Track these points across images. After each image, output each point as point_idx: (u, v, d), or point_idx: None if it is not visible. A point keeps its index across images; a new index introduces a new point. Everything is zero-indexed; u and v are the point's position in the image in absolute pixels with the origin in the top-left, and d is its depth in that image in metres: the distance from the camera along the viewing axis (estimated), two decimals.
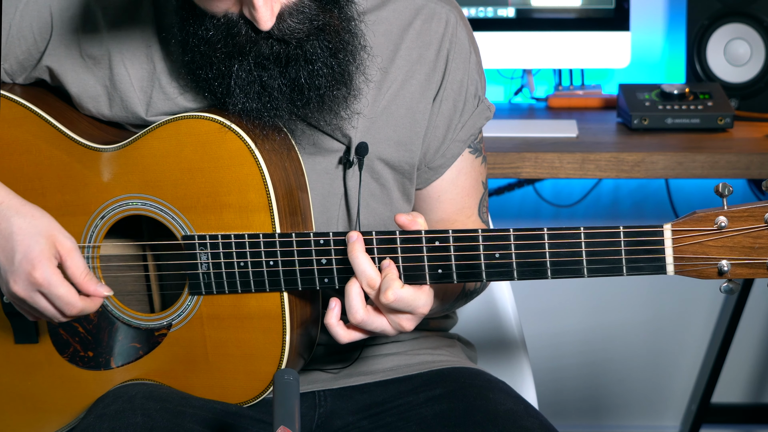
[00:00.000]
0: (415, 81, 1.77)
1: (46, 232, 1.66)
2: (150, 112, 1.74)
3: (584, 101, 3.07)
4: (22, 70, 1.79)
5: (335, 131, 1.74)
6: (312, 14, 1.61)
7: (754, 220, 1.52)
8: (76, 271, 1.66)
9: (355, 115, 1.72)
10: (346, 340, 1.63)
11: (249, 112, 1.65)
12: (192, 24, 1.63)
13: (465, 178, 1.84)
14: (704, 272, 1.55)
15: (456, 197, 1.84)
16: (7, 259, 1.65)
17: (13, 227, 1.65)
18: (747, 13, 2.96)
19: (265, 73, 1.62)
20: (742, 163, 2.54)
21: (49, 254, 1.65)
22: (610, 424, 3.49)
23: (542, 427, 1.70)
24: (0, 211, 1.66)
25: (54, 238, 1.66)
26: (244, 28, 1.60)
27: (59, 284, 1.65)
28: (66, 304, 1.65)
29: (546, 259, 1.57)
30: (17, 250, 1.65)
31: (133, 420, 1.64)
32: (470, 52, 1.81)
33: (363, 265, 1.60)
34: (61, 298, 1.65)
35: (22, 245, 1.64)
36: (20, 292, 1.65)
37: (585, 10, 2.96)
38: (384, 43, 1.76)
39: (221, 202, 1.67)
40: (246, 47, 1.60)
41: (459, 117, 1.81)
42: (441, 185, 1.84)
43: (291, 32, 1.60)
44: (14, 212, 1.67)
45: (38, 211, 1.68)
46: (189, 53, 1.66)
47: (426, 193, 1.84)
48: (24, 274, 1.64)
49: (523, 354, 2.17)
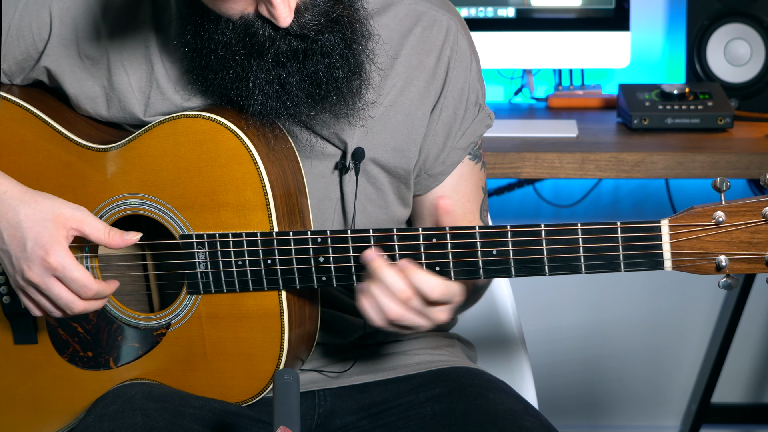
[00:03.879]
0: (414, 88, 1.77)
1: (52, 214, 1.66)
2: (148, 113, 1.74)
3: (584, 101, 3.07)
4: (21, 71, 1.79)
5: (331, 135, 1.74)
6: (327, 6, 1.61)
7: (752, 215, 1.52)
8: (97, 232, 1.66)
9: (369, 105, 1.72)
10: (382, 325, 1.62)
11: (268, 112, 1.65)
12: (207, 29, 1.63)
13: (466, 184, 1.84)
14: (702, 267, 1.55)
15: (457, 203, 1.84)
16: (20, 247, 1.65)
17: (19, 215, 1.66)
18: (747, 13, 2.96)
19: (283, 70, 1.62)
20: (742, 163, 2.54)
21: (59, 237, 1.65)
22: (609, 423, 3.48)
23: (542, 426, 1.70)
24: (4, 201, 1.67)
25: (61, 218, 1.66)
26: (261, 27, 1.59)
27: (74, 267, 1.65)
28: (82, 286, 1.65)
29: (543, 255, 1.57)
30: (28, 237, 1.65)
31: (133, 420, 1.63)
32: (471, 60, 1.81)
33: (390, 279, 1.59)
34: (76, 281, 1.65)
35: (32, 232, 1.65)
36: (35, 278, 1.65)
37: (585, 10, 2.96)
38: (384, 49, 1.76)
39: (219, 201, 1.67)
40: (265, 46, 1.60)
41: (459, 125, 1.80)
42: (442, 191, 1.83)
43: (309, 27, 1.60)
44: (18, 201, 1.67)
45: (40, 195, 1.68)
46: (204, 59, 1.65)
47: (427, 200, 1.84)
48: (38, 260, 1.64)
49: (523, 354, 2.17)
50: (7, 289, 1.78)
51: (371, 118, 1.74)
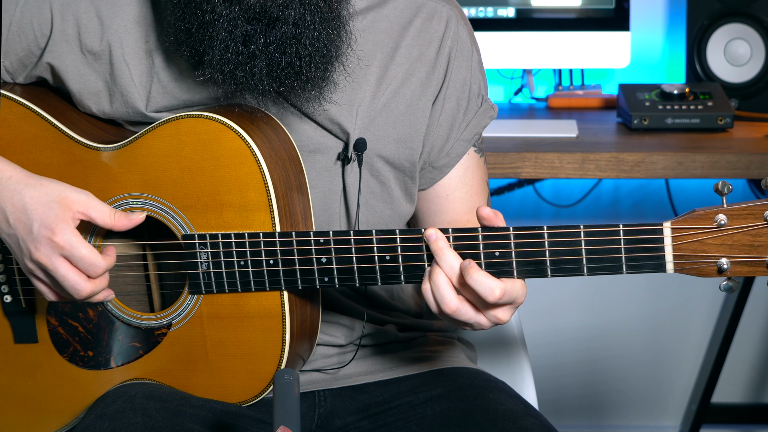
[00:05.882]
0: (415, 79, 1.77)
1: (58, 197, 1.65)
2: (150, 107, 1.74)
3: (584, 101, 3.07)
4: (23, 68, 1.79)
5: (334, 126, 1.74)
6: None
7: (753, 218, 1.52)
8: (102, 215, 1.65)
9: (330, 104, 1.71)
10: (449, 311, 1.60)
11: (225, 65, 1.63)
12: None
13: (472, 176, 1.84)
14: (704, 270, 1.55)
15: (465, 196, 1.84)
16: (26, 229, 1.65)
17: (25, 198, 1.65)
18: (747, 13, 2.96)
19: (250, 26, 1.61)
20: (742, 163, 2.54)
21: (65, 217, 1.64)
22: (609, 423, 3.49)
23: (542, 427, 1.70)
24: (9, 186, 1.66)
25: (67, 200, 1.65)
26: None
27: (81, 245, 1.63)
28: (90, 264, 1.64)
29: (546, 257, 1.57)
30: (33, 218, 1.64)
31: (133, 420, 1.63)
32: (472, 51, 1.81)
33: (451, 260, 1.58)
34: (84, 259, 1.64)
35: (37, 213, 1.64)
36: (42, 258, 1.64)
37: (585, 10, 2.96)
38: (384, 41, 1.76)
39: (221, 201, 1.67)
40: None
41: (463, 116, 1.81)
42: (449, 183, 1.83)
43: None
44: (24, 185, 1.66)
45: (45, 179, 1.67)
46: (180, 8, 1.65)
47: (434, 193, 1.84)
48: (45, 240, 1.64)
49: (523, 354, 2.18)
50: (8, 287, 1.78)
51: (370, 115, 1.75)
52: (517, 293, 1.58)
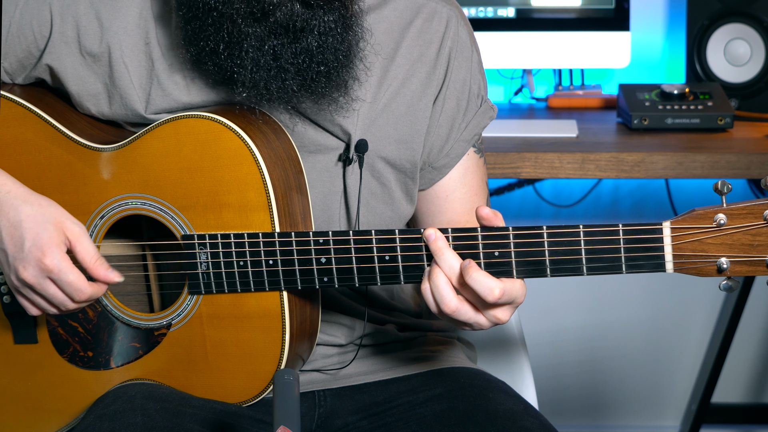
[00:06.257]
0: (415, 79, 1.77)
1: (54, 220, 1.66)
2: (149, 110, 1.74)
3: (584, 101, 3.07)
4: (22, 69, 1.79)
5: (335, 127, 1.74)
6: None
7: (753, 218, 1.52)
8: (87, 256, 1.66)
9: (354, 102, 1.71)
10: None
11: (257, 83, 1.64)
12: None
13: (472, 177, 1.84)
14: (703, 270, 1.55)
15: (465, 196, 1.84)
16: (17, 246, 1.66)
17: (21, 215, 1.66)
18: (747, 13, 2.96)
19: (277, 41, 1.61)
20: (742, 163, 2.54)
21: (58, 241, 1.65)
22: (609, 423, 3.49)
23: (542, 426, 1.70)
24: (8, 200, 1.67)
25: (62, 225, 1.66)
26: None
27: (69, 270, 1.65)
28: (76, 290, 1.65)
29: (545, 257, 1.57)
30: (26, 237, 1.65)
31: (133, 420, 1.63)
32: (472, 51, 1.81)
33: (450, 260, 1.58)
34: (71, 285, 1.65)
35: (31, 232, 1.65)
36: (30, 278, 1.65)
37: (585, 10, 2.96)
38: (385, 42, 1.76)
39: (221, 202, 1.67)
40: (267, 8, 1.59)
41: (463, 116, 1.81)
42: (449, 184, 1.83)
43: None
44: (22, 201, 1.67)
45: (45, 200, 1.68)
46: (201, 19, 1.64)
47: (434, 194, 1.84)
48: (34, 261, 1.65)
49: (523, 354, 2.17)
50: (8, 288, 1.78)
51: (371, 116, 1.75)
52: (516, 293, 1.58)
